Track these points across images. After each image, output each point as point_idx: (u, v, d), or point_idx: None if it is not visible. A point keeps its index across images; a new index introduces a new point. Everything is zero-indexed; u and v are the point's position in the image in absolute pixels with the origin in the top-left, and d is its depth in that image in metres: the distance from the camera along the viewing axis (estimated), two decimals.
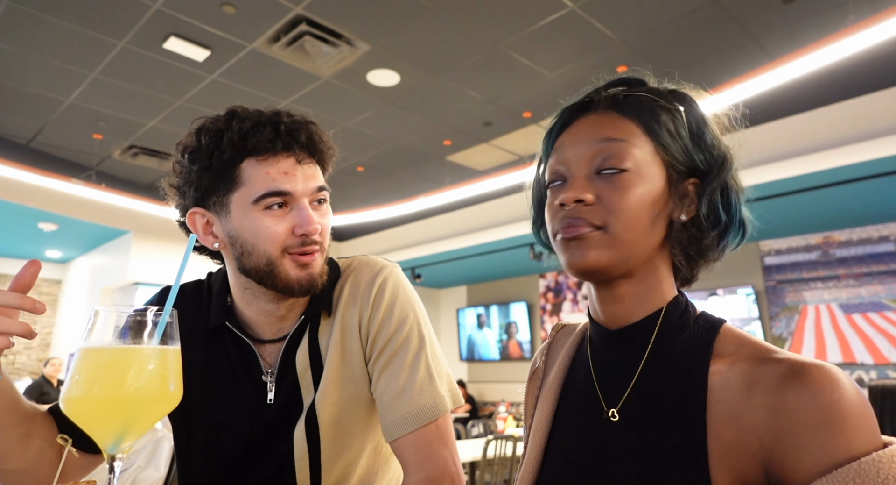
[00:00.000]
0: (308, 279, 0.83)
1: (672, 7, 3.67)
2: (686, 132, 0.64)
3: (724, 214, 0.64)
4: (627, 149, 0.61)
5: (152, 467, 1.58)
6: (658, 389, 0.61)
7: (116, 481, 0.56)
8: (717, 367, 0.58)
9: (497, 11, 3.70)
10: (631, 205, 0.60)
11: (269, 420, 0.87)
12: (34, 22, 3.75)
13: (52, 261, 8.26)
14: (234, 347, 0.90)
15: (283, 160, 0.82)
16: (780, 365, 0.54)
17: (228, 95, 4.69)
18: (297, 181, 0.82)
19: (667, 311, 0.63)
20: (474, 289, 9.44)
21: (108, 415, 0.56)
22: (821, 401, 0.50)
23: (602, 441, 0.63)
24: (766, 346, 0.58)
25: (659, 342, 0.63)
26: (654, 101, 0.64)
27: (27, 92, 4.71)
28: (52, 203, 5.71)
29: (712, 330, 0.62)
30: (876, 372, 5.46)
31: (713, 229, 0.64)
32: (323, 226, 0.84)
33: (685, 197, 0.64)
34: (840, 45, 3.15)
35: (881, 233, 5.63)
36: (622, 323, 0.65)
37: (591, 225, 0.61)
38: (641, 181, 0.61)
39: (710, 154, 0.65)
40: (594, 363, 0.69)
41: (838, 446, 0.48)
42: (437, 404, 0.85)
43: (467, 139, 5.65)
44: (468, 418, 7.68)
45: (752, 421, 0.53)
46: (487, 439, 3.79)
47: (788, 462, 0.50)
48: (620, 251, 0.60)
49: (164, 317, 0.59)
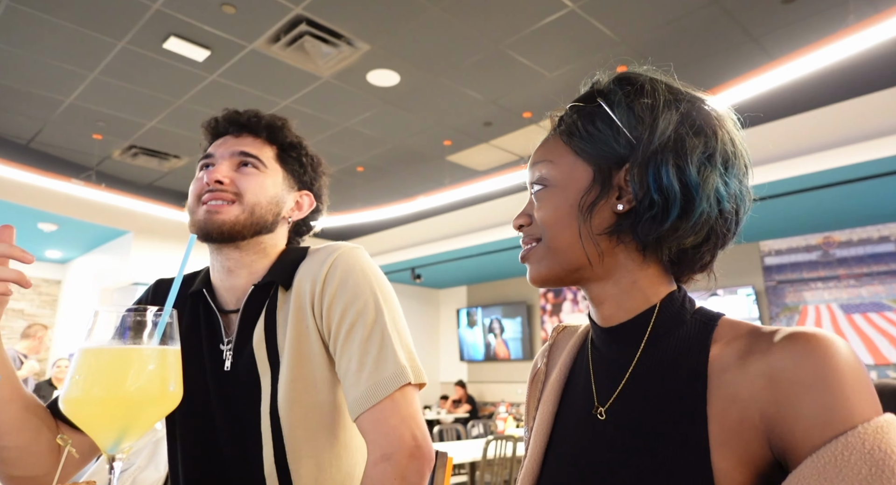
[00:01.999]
0: (207, 221, 0.91)
1: (672, 7, 3.67)
2: (608, 124, 0.63)
3: (657, 191, 0.60)
4: (544, 168, 0.67)
5: (152, 467, 1.58)
6: (651, 386, 0.60)
7: (116, 481, 0.56)
8: (716, 354, 0.58)
9: (497, 11, 3.70)
10: (548, 215, 0.65)
11: (229, 389, 0.90)
12: (34, 22, 3.75)
13: (52, 261, 8.26)
14: (205, 315, 0.97)
15: (225, 137, 1.00)
16: (772, 335, 0.54)
17: (228, 95, 4.69)
18: (221, 148, 0.97)
19: (660, 308, 0.63)
20: (474, 289, 9.44)
21: (108, 415, 0.56)
22: (815, 360, 0.50)
23: (591, 439, 0.63)
24: (760, 325, 0.58)
25: (653, 340, 0.62)
26: (574, 110, 0.68)
27: (27, 92, 4.71)
28: (52, 203, 5.71)
29: (710, 323, 0.61)
30: (876, 372, 5.46)
31: (648, 211, 0.60)
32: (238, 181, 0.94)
33: (622, 186, 0.63)
34: (840, 45, 3.15)
35: (881, 233, 5.63)
36: (614, 321, 0.65)
37: (533, 239, 0.68)
38: (559, 191, 0.65)
39: (627, 137, 0.62)
40: (593, 362, 0.69)
41: (835, 403, 0.48)
42: (395, 375, 0.82)
43: (467, 139, 5.65)
44: (468, 418, 7.68)
45: (751, 393, 0.53)
46: (487, 439, 3.79)
47: (789, 426, 0.50)
48: (560, 258, 0.64)
49: (164, 317, 0.59)
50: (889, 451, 0.45)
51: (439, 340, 9.76)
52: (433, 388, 9.28)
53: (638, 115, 0.62)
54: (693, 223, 0.60)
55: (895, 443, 0.46)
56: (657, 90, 0.63)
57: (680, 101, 0.63)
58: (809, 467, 0.46)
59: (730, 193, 0.62)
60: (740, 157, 0.63)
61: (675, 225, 0.60)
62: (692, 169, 0.60)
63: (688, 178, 0.60)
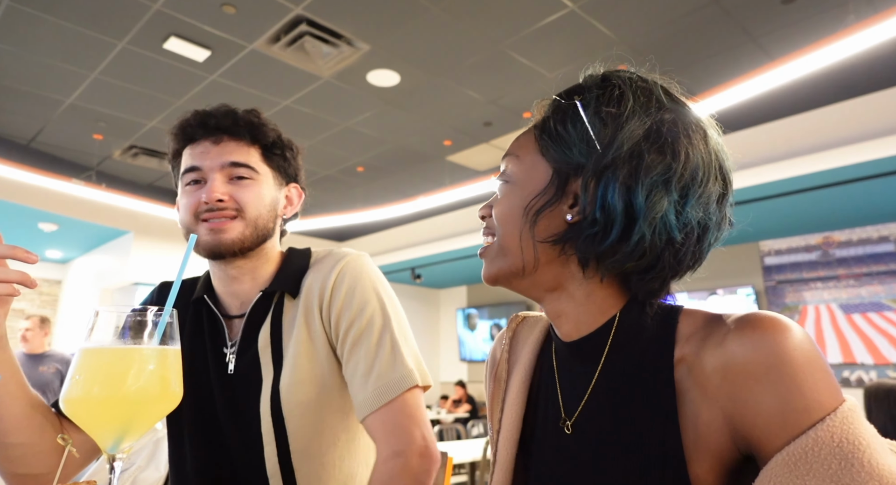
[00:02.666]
0: (214, 242, 0.89)
1: (672, 7, 3.67)
2: (576, 127, 0.58)
3: (599, 210, 0.55)
4: (510, 161, 0.65)
5: (152, 467, 1.58)
6: (617, 400, 0.57)
7: (116, 481, 0.56)
8: (679, 356, 0.54)
9: (497, 11, 3.70)
10: (503, 212, 0.63)
11: (231, 391, 0.91)
12: (34, 22, 3.75)
13: (52, 261, 8.26)
14: (209, 319, 0.97)
15: (202, 143, 0.94)
16: (724, 322, 0.52)
17: (228, 96, 4.69)
18: (207, 158, 0.92)
19: (619, 321, 0.59)
20: (474, 289, 9.44)
21: (108, 415, 0.56)
22: (765, 349, 0.47)
23: (558, 453, 0.61)
24: (720, 313, 0.55)
25: (614, 352, 0.59)
26: (552, 104, 0.64)
27: (27, 92, 4.71)
28: (52, 203, 5.71)
29: (671, 322, 0.57)
30: (876, 372, 5.46)
31: (591, 227, 0.56)
32: (237, 196, 0.91)
33: (577, 195, 0.58)
34: (840, 45, 3.14)
35: (881, 233, 5.63)
36: (574, 337, 0.62)
37: (491, 233, 0.65)
38: (516, 189, 0.62)
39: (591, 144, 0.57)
40: (558, 371, 0.66)
41: (791, 391, 0.46)
42: (403, 378, 0.85)
43: (467, 139, 5.65)
44: (468, 418, 7.67)
45: (712, 391, 0.50)
46: (487, 439, 3.79)
47: (748, 421, 0.48)
48: (508, 257, 0.62)
49: (164, 317, 0.59)
50: (857, 442, 0.44)
51: (439, 340, 9.76)
52: (433, 388, 9.26)
53: (603, 121, 0.57)
54: (631, 249, 0.55)
55: (861, 432, 0.45)
56: (629, 97, 0.58)
57: (651, 112, 0.57)
58: (780, 465, 0.45)
59: (682, 222, 0.55)
60: (709, 182, 0.57)
61: (614, 248, 0.55)
62: (641, 191, 0.54)
63: (634, 199, 0.54)
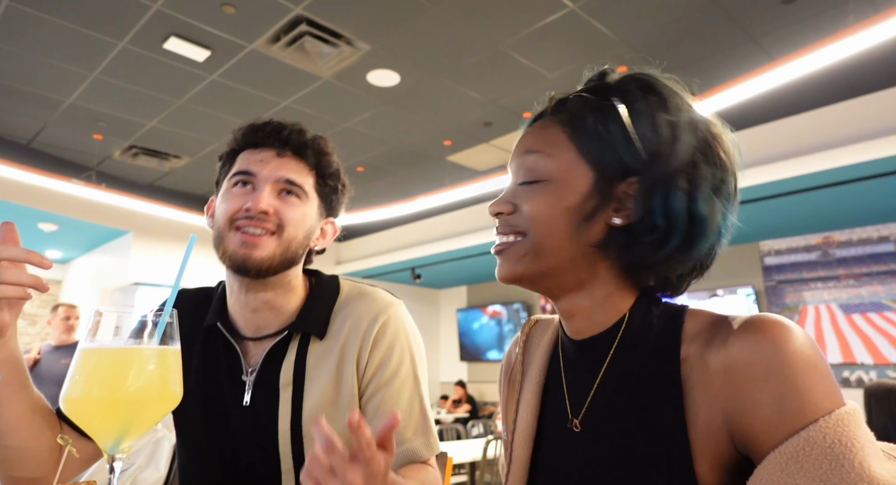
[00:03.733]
0: (244, 256, 0.85)
1: (672, 7, 3.67)
2: (620, 129, 0.58)
3: (662, 217, 0.56)
4: (541, 159, 0.62)
5: (152, 467, 1.58)
6: (624, 398, 0.58)
7: (116, 481, 0.56)
8: (685, 355, 0.55)
9: (497, 12, 3.70)
10: (543, 212, 0.60)
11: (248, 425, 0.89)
12: (34, 22, 3.75)
13: (53, 261, 8.24)
14: (224, 347, 0.94)
15: (265, 151, 0.91)
16: (730, 325, 0.53)
17: (228, 95, 4.69)
18: (265, 167, 0.89)
19: (629, 319, 0.60)
20: (474, 289, 9.44)
21: (108, 415, 0.56)
22: (767, 351, 0.48)
23: (568, 452, 0.61)
24: (725, 315, 0.56)
25: (621, 352, 0.60)
26: (584, 102, 0.62)
27: (27, 92, 4.71)
28: (52, 203, 5.71)
29: (677, 321, 0.58)
30: (876, 372, 5.46)
31: (648, 235, 0.57)
32: (281, 213, 0.88)
33: (621, 199, 0.59)
34: (840, 45, 3.14)
35: (881, 233, 5.63)
36: (585, 335, 0.63)
37: (515, 231, 0.62)
38: (555, 189, 0.60)
39: (645, 151, 0.57)
40: (565, 370, 0.66)
41: (789, 395, 0.47)
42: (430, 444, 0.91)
43: (467, 139, 5.65)
44: (468, 419, 7.67)
45: (714, 390, 0.51)
46: (487, 439, 3.79)
47: (747, 421, 0.49)
48: (541, 259, 0.60)
49: (164, 317, 0.59)
50: (849, 444, 0.44)
51: (439, 340, 9.76)
52: (433, 388, 9.28)
53: (659, 130, 0.57)
54: (690, 256, 0.57)
55: (855, 435, 0.45)
56: (682, 108, 0.59)
57: (699, 124, 0.59)
58: (772, 464, 0.46)
59: (726, 228, 0.59)
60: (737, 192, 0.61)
61: (672, 255, 0.57)
62: (702, 200, 0.56)
63: (695, 208, 0.56)
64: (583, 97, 0.63)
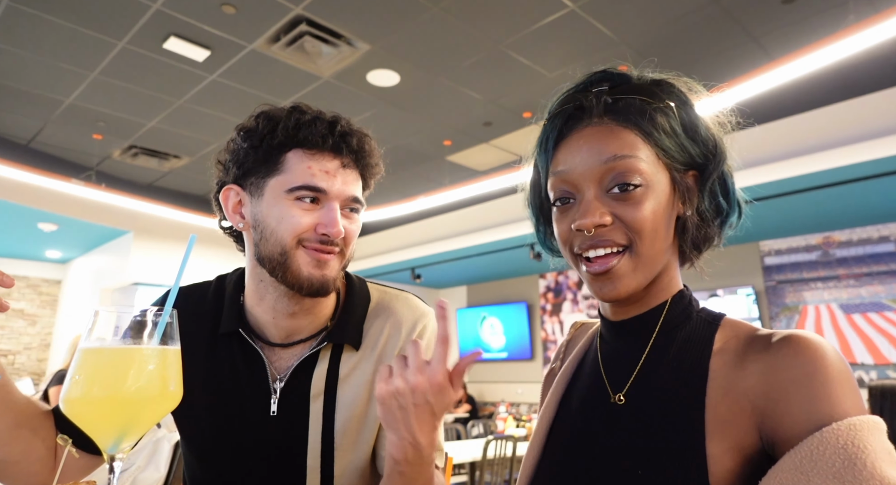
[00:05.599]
0: (320, 279, 0.81)
1: (672, 7, 3.67)
2: (680, 128, 0.65)
3: (724, 201, 0.67)
4: (635, 164, 0.61)
5: (152, 467, 1.58)
6: (661, 375, 0.64)
7: (116, 481, 0.56)
8: (717, 350, 0.62)
9: (497, 11, 3.70)
10: (648, 218, 0.61)
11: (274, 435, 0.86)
12: (34, 22, 3.75)
13: (52, 261, 8.26)
14: (244, 353, 0.88)
15: (328, 159, 0.83)
16: (769, 336, 0.59)
17: (228, 95, 4.69)
18: (335, 182, 0.82)
19: (671, 304, 0.66)
20: (474, 289, 9.44)
21: (108, 415, 0.56)
22: (806, 359, 0.54)
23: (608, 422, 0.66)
24: (759, 327, 0.62)
25: (662, 333, 0.66)
26: (647, 104, 0.63)
27: (27, 92, 4.71)
28: (52, 203, 5.71)
29: (714, 323, 0.65)
30: (876, 372, 5.46)
31: (716, 218, 0.67)
32: (348, 233, 0.84)
33: (688, 191, 0.66)
34: (840, 45, 3.15)
35: (881, 233, 5.63)
36: (630, 315, 0.68)
37: (616, 244, 0.62)
38: (652, 192, 0.62)
39: (704, 146, 0.66)
40: (602, 354, 0.72)
41: (821, 398, 0.51)
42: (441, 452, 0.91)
43: (467, 139, 5.65)
44: (468, 419, 7.67)
45: (745, 388, 0.57)
46: (487, 439, 3.79)
47: (778, 417, 0.54)
48: (647, 269, 0.63)
49: (163, 317, 0.59)
50: (862, 446, 0.47)
51: None
52: None
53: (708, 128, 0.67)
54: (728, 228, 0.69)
55: (868, 440, 0.48)
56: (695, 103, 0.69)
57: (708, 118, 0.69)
58: (788, 461, 0.49)
59: None
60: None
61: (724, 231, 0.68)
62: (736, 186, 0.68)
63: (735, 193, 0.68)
64: (644, 100, 0.64)
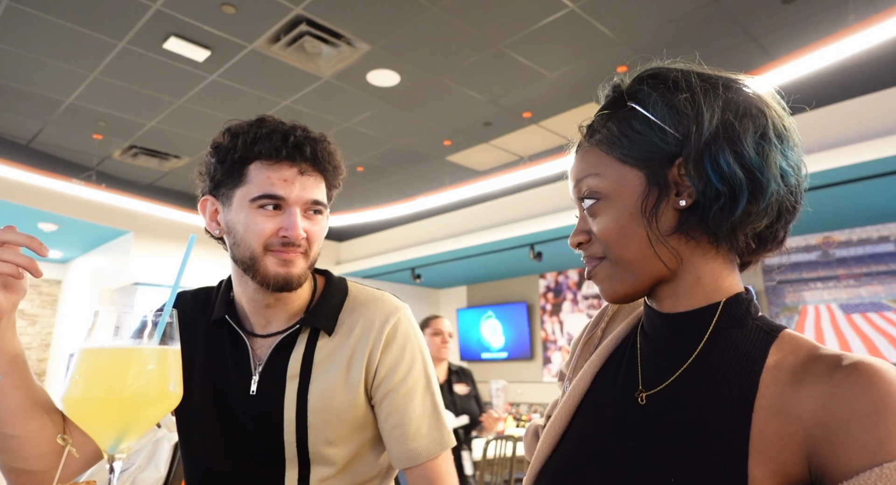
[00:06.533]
0: (285, 276, 0.89)
1: (672, 7, 3.67)
2: (646, 125, 0.62)
3: (719, 181, 0.59)
4: (590, 182, 0.65)
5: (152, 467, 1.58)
6: (703, 382, 0.60)
7: (116, 481, 0.56)
8: (771, 364, 0.57)
9: (497, 11, 3.70)
10: (608, 227, 0.63)
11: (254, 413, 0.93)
12: (34, 22, 3.75)
13: (52, 261, 8.25)
14: (230, 339, 0.97)
15: (286, 168, 0.90)
16: (834, 359, 0.54)
17: (228, 95, 4.69)
18: (293, 189, 0.89)
19: (724, 307, 0.63)
20: (474, 289, 9.44)
21: (107, 415, 0.56)
22: (876, 393, 0.49)
23: (626, 421, 0.63)
24: (821, 346, 0.58)
25: (712, 338, 0.62)
26: (604, 117, 0.66)
27: (27, 92, 4.70)
28: (52, 203, 5.71)
29: (772, 333, 0.61)
30: None
31: (715, 202, 0.59)
32: (310, 234, 0.92)
33: (677, 182, 0.62)
34: (840, 45, 3.14)
35: (881, 233, 5.63)
36: (676, 309, 0.65)
37: (596, 258, 0.66)
38: (613, 201, 0.64)
39: (677, 130, 0.61)
40: (641, 348, 0.69)
41: (887, 435, 0.48)
42: (443, 440, 0.97)
43: (467, 139, 5.65)
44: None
45: (800, 412, 0.53)
46: (487, 439, 3.79)
47: (835, 450, 0.50)
48: (629, 271, 0.63)
49: (163, 317, 0.59)
50: None
51: None
52: None
53: (679, 110, 0.61)
54: (765, 205, 0.59)
55: None
56: (691, 82, 0.63)
57: (717, 87, 0.63)
58: None
59: (792, 166, 0.61)
60: (791, 129, 0.64)
61: (747, 211, 0.59)
62: (750, 151, 0.59)
63: (749, 161, 0.59)
64: (602, 115, 0.67)
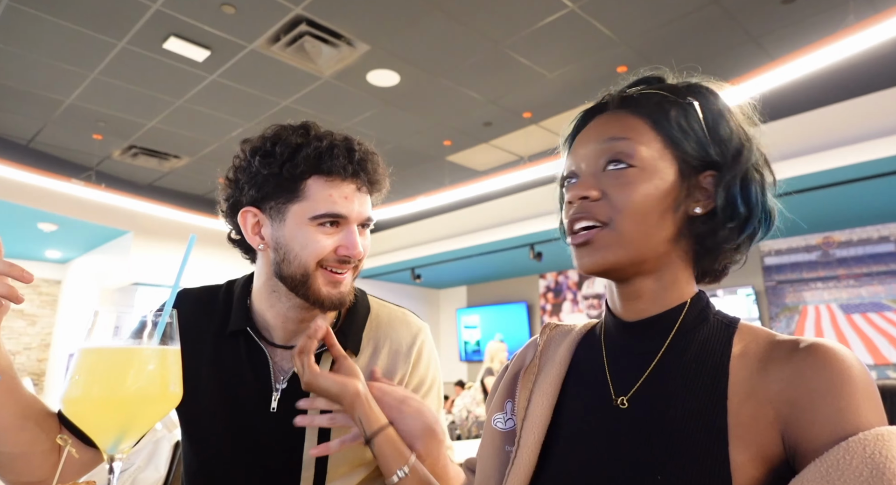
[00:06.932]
0: (338, 296, 0.89)
1: (672, 7, 3.67)
2: (699, 126, 0.64)
3: (743, 205, 0.64)
4: (631, 146, 0.63)
5: (152, 467, 1.58)
6: (675, 377, 0.62)
7: (116, 481, 0.56)
8: (736, 353, 0.61)
9: (497, 12, 3.70)
10: (636, 200, 0.62)
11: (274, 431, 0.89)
12: (34, 22, 3.75)
13: (52, 261, 8.25)
14: (248, 350, 0.93)
15: (347, 185, 0.88)
16: (792, 343, 0.58)
17: (228, 95, 4.69)
18: (353, 207, 0.88)
19: (690, 305, 0.65)
20: (474, 289, 9.44)
21: (107, 415, 0.56)
22: (833, 369, 0.53)
23: (610, 428, 0.64)
24: (776, 333, 0.62)
25: (679, 335, 0.64)
26: (663, 97, 0.66)
27: (27, 92, 4.70)
28: (52, 203, 5.71)
29: (731, 326, 0.64)
30: (876, 372, 5.46)
31: (731, 221, 0.64)
32: (364, 249, 0.91)
33: (700, 190, 0.65)
34: (840, 45, 3.14)
35: (881, 233, 5.63)
36: (645, 315, 0.66)
37: (596, 220, 0.63)
38: (647, 177, 0.62)
39: (724, 146, 0.65)
40: (608, 356, 0.69)
41: (847, 410, 0.51)
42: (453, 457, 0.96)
43: (467, 139, 5.65)
44: None
45: (769, 394, 0.56)
46: None
47: (803, 425, 0.53)
48: (629, 248, 0.62)
49: (163, 317, 0.59)
50: (889, 456, 0.47)
51: (439, 340, 9.76)
52: None
53: (734, 130, 0.66)
54: (753, 243, 0.67)
55: (894, 450, 0.47)
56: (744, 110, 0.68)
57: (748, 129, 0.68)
58: (814, 470, 0.49)
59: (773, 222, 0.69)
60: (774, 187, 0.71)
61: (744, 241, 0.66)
62: (767, 195, 0.67)
63: (766, 200, 0.67)
64: (662, 94, 0.67)
